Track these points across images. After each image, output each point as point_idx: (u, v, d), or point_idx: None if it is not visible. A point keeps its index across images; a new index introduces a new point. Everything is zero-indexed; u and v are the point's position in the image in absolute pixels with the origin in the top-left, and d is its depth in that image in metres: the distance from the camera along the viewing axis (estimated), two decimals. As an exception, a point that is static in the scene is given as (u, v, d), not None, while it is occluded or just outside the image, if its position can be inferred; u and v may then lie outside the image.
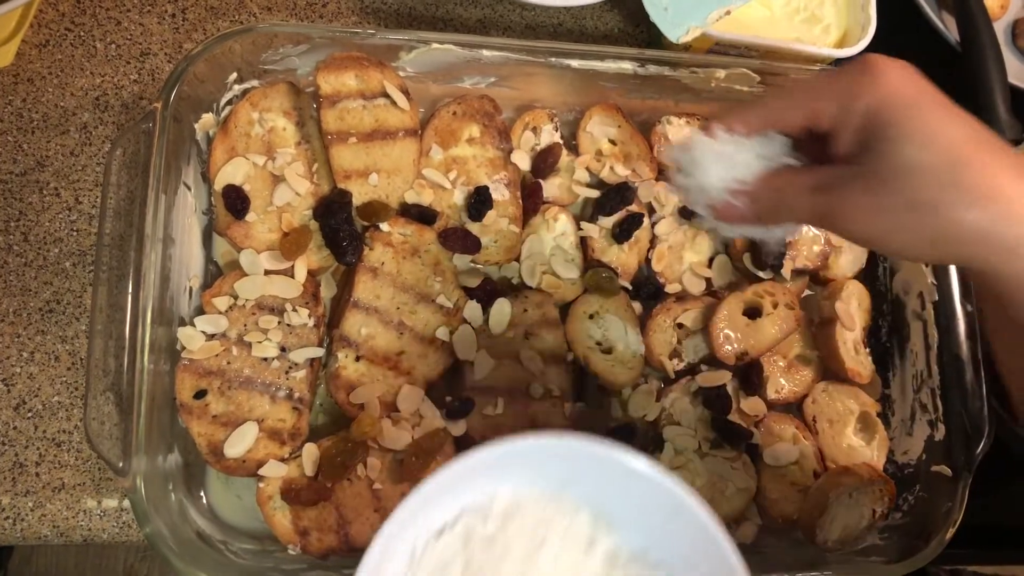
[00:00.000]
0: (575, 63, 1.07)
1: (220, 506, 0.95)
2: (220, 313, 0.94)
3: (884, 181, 0.63)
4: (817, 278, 1.13)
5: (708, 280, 1.09)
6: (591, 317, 1.04)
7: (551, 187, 1.09)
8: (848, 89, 0.65)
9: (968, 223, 0.61)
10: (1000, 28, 1.32)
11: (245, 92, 1.02)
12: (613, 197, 1.07)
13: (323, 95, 1.00)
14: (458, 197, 1.05)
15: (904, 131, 0.62)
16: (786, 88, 0.71)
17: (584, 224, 1.08)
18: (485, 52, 1.05)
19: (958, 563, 1.16)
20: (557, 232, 1.07)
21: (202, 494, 0.94)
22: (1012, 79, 1.23)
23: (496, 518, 0.66)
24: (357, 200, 0.99)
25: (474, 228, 1.03)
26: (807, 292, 1.14)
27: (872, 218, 0.65)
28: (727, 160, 0.71)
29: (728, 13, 1.09)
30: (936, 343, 1.08)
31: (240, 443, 0.90)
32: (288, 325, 0.95)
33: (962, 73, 1.23)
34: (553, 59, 1.06)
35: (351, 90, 1.01)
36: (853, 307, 1.09)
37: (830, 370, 1.09)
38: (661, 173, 1.13)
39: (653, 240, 1.10)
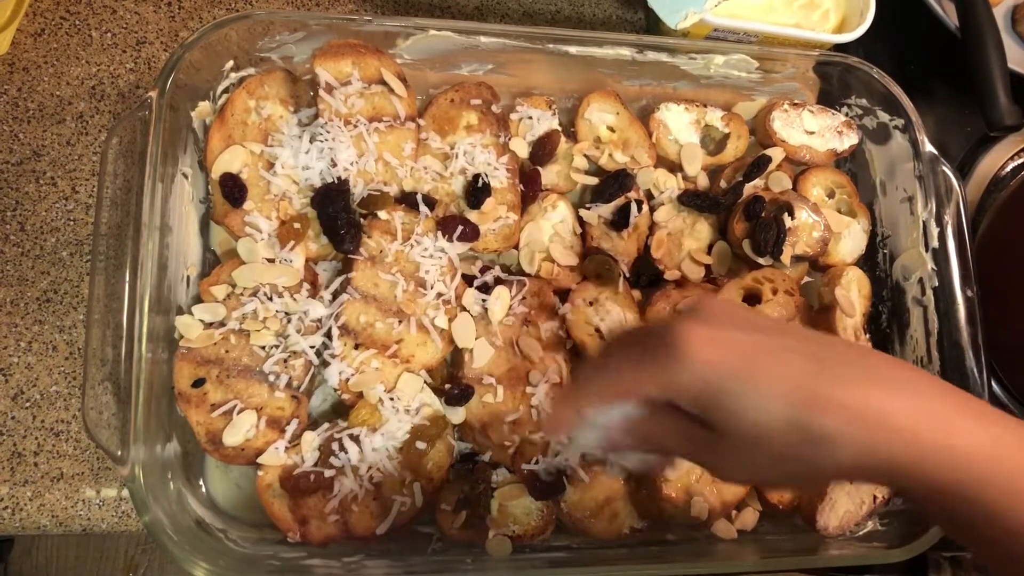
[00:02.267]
0: (573, 49, 1.07)
1: (219, 495, 0.95)
2: (218, 302, 0.93)
3: (740, 448, 0.61)
4: (817, 264, 1.13)
5: (707, 267, 1.09)
6: (590, 304, 1.04)
7: (549, 174, 1.09)
8: (664, 379, 0.61)
9: (837, 464, 0.59)
10: (1000, 13, 1.32)
11: (241, 80, 1.02)
12: (612, 184, 1.06)
13: (320, 83, 0.99)
14: (456, 185, 1.04)
15: (734, 404, 0.59)
16: (609, 376, 0.66)
17: (582, 211, 1.07)
18: (483, 39, 1.04)
19: (958, 549, 1.16)
20: (556, 219, 1.07)
21: (201, 483, 0.94)
22: (1012, 65, 1.22)
23: None
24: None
25: (472, 216, 1.02)
26: (807, 278, 1.13)
27: (744, 474, 0.65)
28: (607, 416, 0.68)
29: (727, -2, 1.09)
30: (936, 329, 1.08)
31: (239, 431, 0.90)
32: (286, 313, 0.94)
33: (961, 59, 1.22)
34: (551, 45, 1.06)
35: (349, 77, 1.01)
36: (853, 293, 1.09)
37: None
38: (660, 161, 1.13)
39: (652, 227, 1.09)
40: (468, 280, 1.01)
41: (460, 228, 1.00)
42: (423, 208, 1.00)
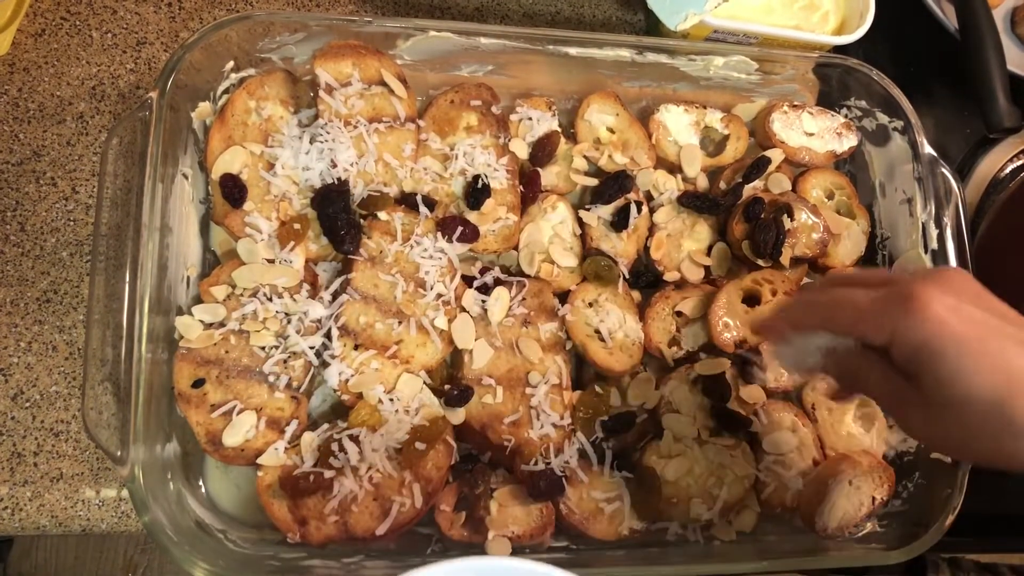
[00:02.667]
0: (573, 51, 1.07)
1: (219, 495, 0.95)
2: (218, 302, 0.93)
3: (937, 410, 0.66)
4: (816, 265, 1.13)
5: (707, 268, 1.09)
6: (590, 305, 1.04)
7: (549, 175, 1.09)
8: (893, 323, 0.66)
9: (1019, 454, 0.63)
10: (999, 16, 1.32)
11: (242, 80, 1.02)
12: (611, 185, 1.06)
13: (320, 84, 0.99)
14: (456, 186, 1.04)
15: (951, 368, 0.63)
16: (835, 299, 0.73)
17: (582, 212, 1.07)
18: (483, 40, 1.04)
19: (957, 551, 1.17)
20: (555, 220, 1.07)
21: (201, 483, 0.94)
22: (1011, 67, 1.22)
23: None
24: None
25: (472, 217, 1.02)
26: (806, 280, 1.13)
27: (929, 432, 0.69)
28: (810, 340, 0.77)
29: (726, 0, 1.09)
30: (935, 331, 1.08)
31: (238, 432, 0.90)
32: (286, 314, 0.94)
33: (961, 61, 1.23)
34: (551, 47, 1.06)
35: (349, 78, 1.01)
36: (852, 295, 1.09)
37: (829, 358, 1.09)
38: (659, 162, 1.13)
39: (652, 228, 1.09)
40: (468, 281, 1.01)
41: (460, 229, 1.00)
42: (423, 209, 1.01)
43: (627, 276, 1.06)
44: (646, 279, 1.08)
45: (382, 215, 0.99)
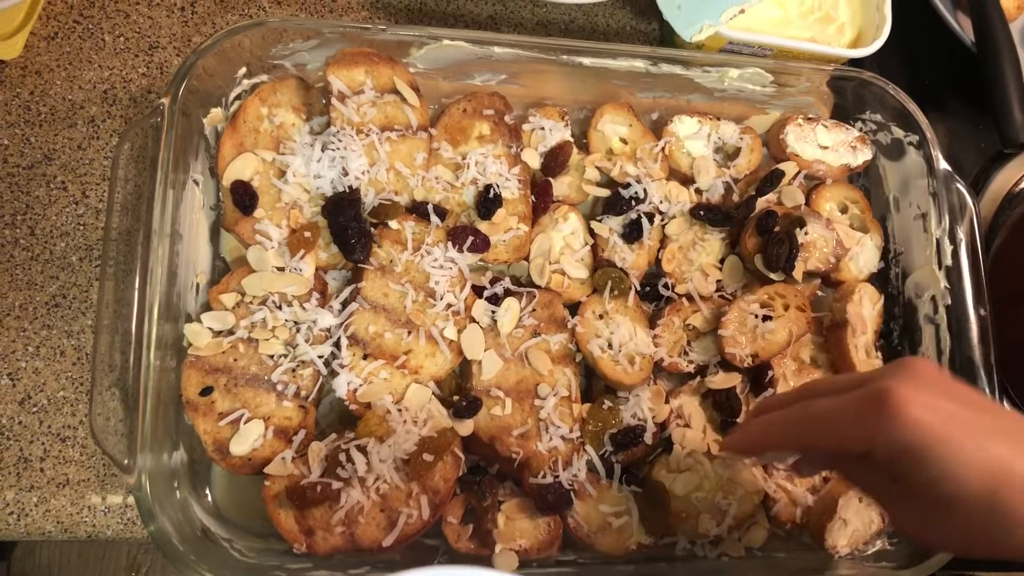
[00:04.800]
0: (587, 61, 1.06)
1: (225, 504, 0.94)
2: (227, 310, 0.93)
3: (926, 509, 0.65)
4: (829, 280, 1.12)
5: (718, 281, 1.08)
6: (600, 317, 1.03)
7: (561, 185, 1.08)
8: (871, 431, 0.64)
9: (1013, 546, 0.62)
10: (1016, 29, 1.30)
11: (254, 87, 1.01)
12: (623, 196, 1.06)
13: (333, 91, 0.99)
14: (468, 195, 1.04)
15: (938, 470, 0.62)
16: (811, 419, 0.70)
17: (594, 223, 1.07)
18: (496, 49, 1.04)
19: (966, 569, 1.16)
20: (566, 231, 1.06)
21: (207, 492, 0.94)
22: (1028, 81, 1.22)
23: None
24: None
25: (483, 226, 1.02)
26: (818, 294, 1.12)
27: (924, 532, 0.68)
28: None
29: (742, 12, 1.08)
30: (948, 348, 1.07)
31: (246, 441, 0.89)
32: (295, 323, 0.94)
33: (977, 74, 1.22)
34: (564, 56, 1.06)
35: (361, 86, 1.01)
36: (865, 310, 1.08)
37: (841, 373, 1.08)
38: (672, 173, 1.12)
39: (663, 240, 1.09)
40: (478, 291, 1.01)
41: (471, 239, 0.99)
42: (434, 218, 1.00)
43: (638, 288, 1.06)
44: (657, 291, 1.07)
45: (393, 224, 0.99)
